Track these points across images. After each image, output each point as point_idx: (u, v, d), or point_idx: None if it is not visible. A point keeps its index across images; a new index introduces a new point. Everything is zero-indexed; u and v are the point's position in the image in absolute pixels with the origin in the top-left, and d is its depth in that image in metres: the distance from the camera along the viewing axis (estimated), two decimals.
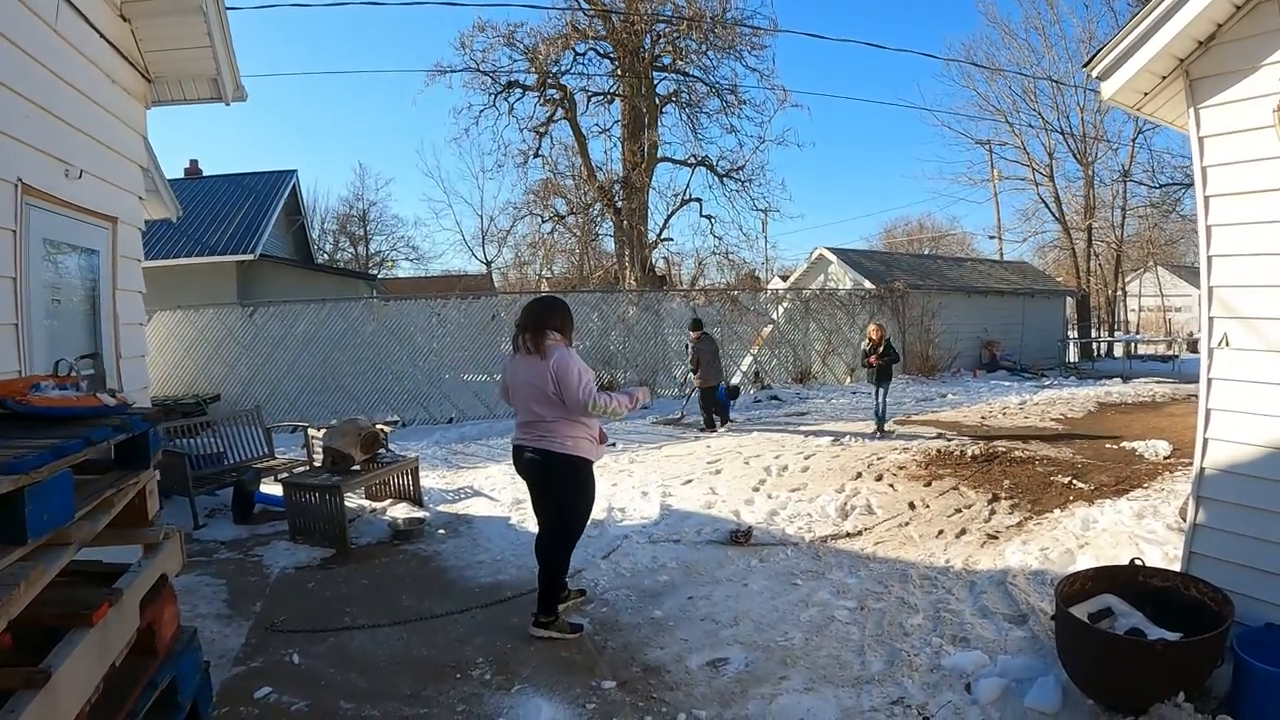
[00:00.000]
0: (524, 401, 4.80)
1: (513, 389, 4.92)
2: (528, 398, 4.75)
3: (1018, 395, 16.38)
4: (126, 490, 2.83)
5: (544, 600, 4.92)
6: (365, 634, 5.01)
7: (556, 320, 4.86)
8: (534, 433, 4.77)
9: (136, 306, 6.48)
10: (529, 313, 4.88)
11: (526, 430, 4.83)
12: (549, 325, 4.79)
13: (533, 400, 4.72)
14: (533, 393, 4.70)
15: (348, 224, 47.84)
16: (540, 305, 4.97)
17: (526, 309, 4.95)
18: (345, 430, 7.56)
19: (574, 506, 4.92)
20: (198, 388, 14.37)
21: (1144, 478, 8.16)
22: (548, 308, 4.94)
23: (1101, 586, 4.26)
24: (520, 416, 4.91)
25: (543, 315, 4.83)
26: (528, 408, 4.77)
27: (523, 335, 4.79)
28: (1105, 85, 4.65)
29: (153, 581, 2.88)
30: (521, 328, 4.85)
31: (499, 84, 22.39)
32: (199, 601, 5.52)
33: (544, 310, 4.89)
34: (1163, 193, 29.74)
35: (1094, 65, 4.66)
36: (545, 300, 5.13)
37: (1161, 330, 38.93)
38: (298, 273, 19.69)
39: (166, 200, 9.49)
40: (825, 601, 5.27)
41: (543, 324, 4.78)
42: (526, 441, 4.82)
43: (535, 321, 4.79)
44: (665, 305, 17.95)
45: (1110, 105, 5.00)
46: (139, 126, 6.39)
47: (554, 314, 4.89)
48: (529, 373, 4.72)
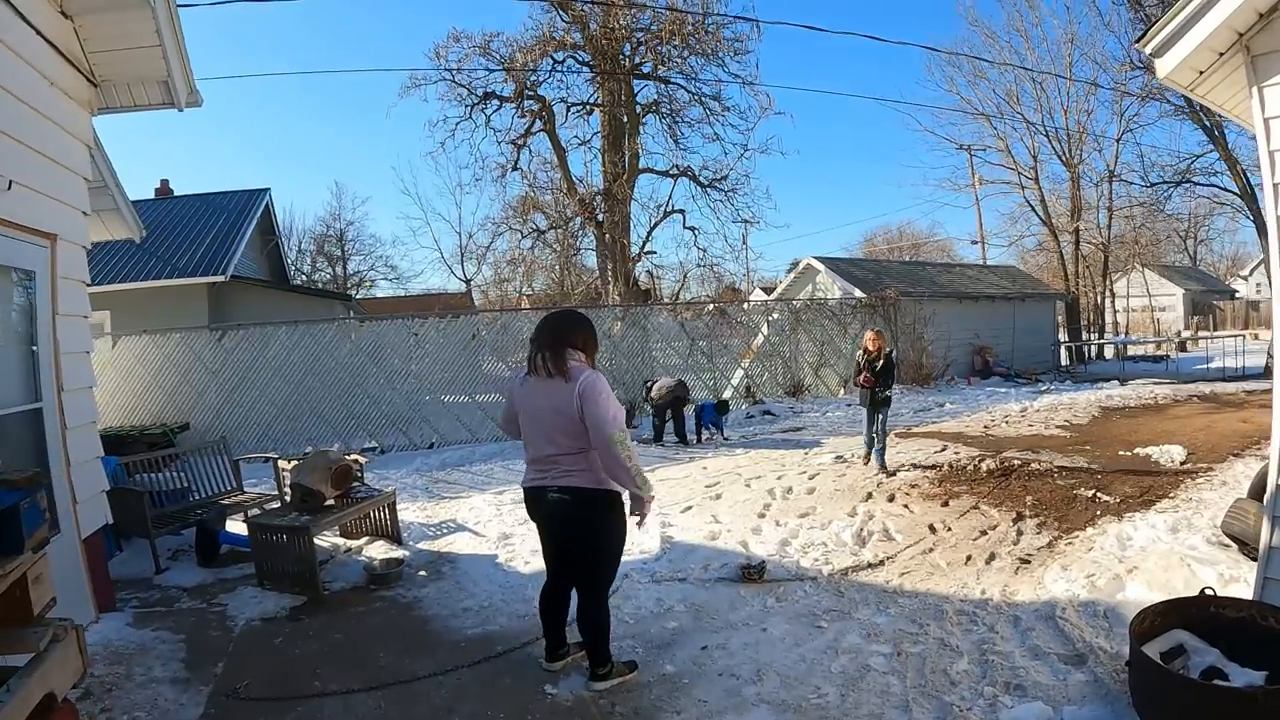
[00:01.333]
0: (543, 432, 4.20)
1: (526, 417, 4.33)
2: (550, 428, 4.16)
3: (1017, 402, 15.98)
4: None
5: (597, 654, 4.41)
6: (337, 702, 4.41)
7: (579, 337, 4.29)
8: (557, 468, 4.18)
9: (81, 333, 5.87)
10: (549, 328, 4.30)
11: (547, 466, 4.23)
12: (571, 343, 4.22)
13: (557, 431, 4.13)
14: (556, 421, 4.12)
15: (325, 244, 47.58)
16: (561, 320, 4.40)
17: (545, 324, 4.35)
18: (315, 464, 6.95)
19: (611, 549, 4.40)
20: (165, 416, 13.71)
21: (1167, 487, 7.74)
22: (570, 323, 4.37)
23: (1172, 621, 3.81)
24: (535, 450, 4.30)
25: (564, 332, 4.26)
26: (549, 439, 4.18)
27: (540, 354, 4.18)
28: (1159, 63, 4.21)
29: (31, 708, 2.23)
30: (539, 345, 4.23)
31: (475, 95, 21.91)
32: (154, 663, 4.95)
33: (566, 326, 4.32)
34: (1153, 191, 29.60)
35: (1147, 41, 4.20)
36: (566, 314, 4.53)
37: (1149, 330, 38.87)
38: (272, 294, 19.11)
39: (128, 219, 8.91)
40: (856, 647, 4.71)
41: (564, 341, 4.20)
42: (547, 480, 4.23)
43: (555, 338, 4.21)
44: (653, 320, 17.39)
45: (1167, 84, 4.53)
46: (83, 135, 5.85)
47: (577, 330, 4.31)
48: (550, 398, 4.14)
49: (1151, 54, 4.20)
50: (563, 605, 4.61)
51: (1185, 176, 28.52)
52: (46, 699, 2.35)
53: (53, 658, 2.39)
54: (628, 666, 4.51)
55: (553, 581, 4.60)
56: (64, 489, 5.34)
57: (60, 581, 4.99)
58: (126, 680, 4.66)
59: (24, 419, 5.04)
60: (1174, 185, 29.01)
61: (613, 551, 4.40)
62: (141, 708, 4.33)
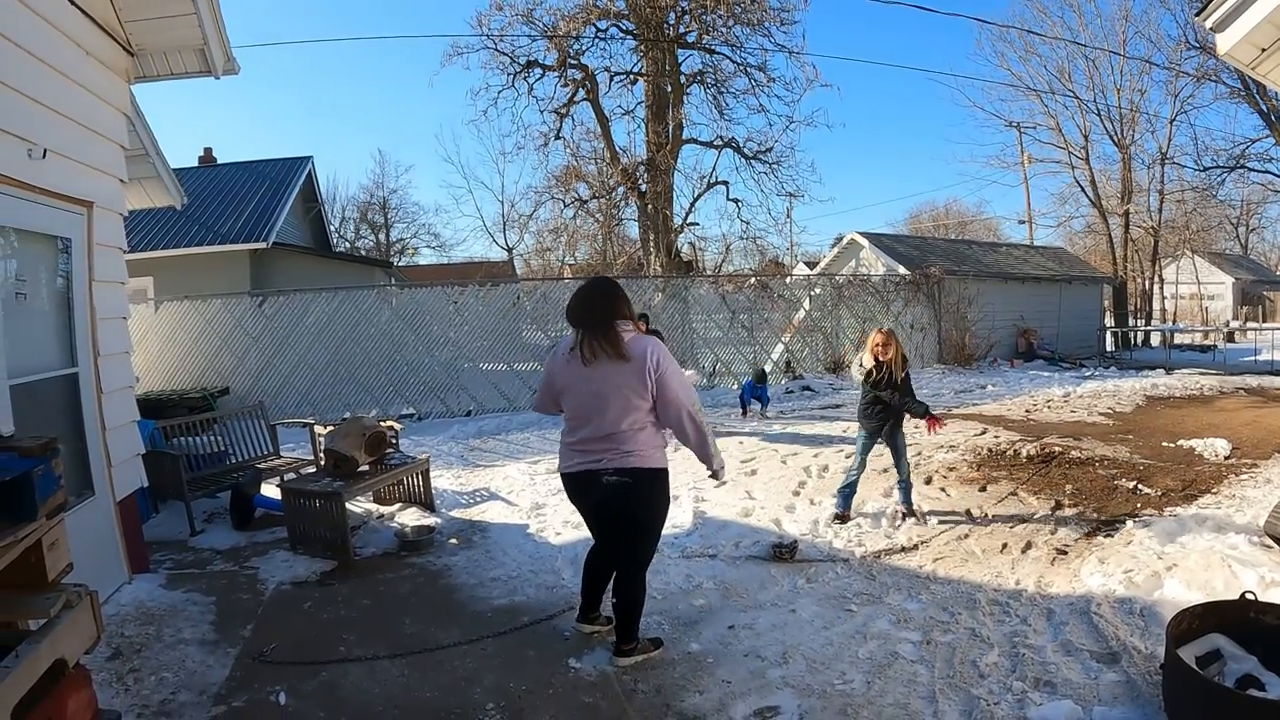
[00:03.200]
0: (601, 413, 4.00)
1: (580, 399, 4.09)
2: (616, 407, 3.97)
3: (1060, 387, 15.63)
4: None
5: (626, 630, 4.34)
6: (362, 668, 4.43)
7: (625, 306, 4.09)
8: (614, 449, 4.01)
9: (117, 299, 5.93)
10: (590, 305, 4.06)
11: (601, 447, 4.03)
12: (619, 315, 4.03)
13: (623, 409, 3.96)
14: (623, 400, 3.95)
15: (368, 212, 47.74)
16: (599, 293, 4.14)
17: (583, 303, 4.10)
18: (348, 430, 6.98)
19: (658, 527, 4.37)
20: (206, 381, 13.89)
21: (1210, 481, 7.50)
22: (610, 294, 4.12)
23: (1209, 624, 3.67)
24: (586, 431, 4.08)
25: (610, 305, 4.04)
26: (613, 418, 3.98)
27: (592, 340, 3.98)
28: (1220, 38, 4.04)
29: (40, 672, 2.22)
30: (586, 326, 4.02)
31: (518, 64, 21.80)
32: (184, 624, 5.01)
33: (608, 298, 4.09)
34: (1206, 176, 28.85)
35: (1207, 15, 4.03)
36: (602, 286, 4.24)
37: (1197, 319, 38.07)
38: (313, 261, 19.27)
39: (169, 186, 9.01)
40: (885, 633, 4.63)
41: (613, 315, 4.01)
42: (603, 463, 4.03)
43: (603, 315, 4.00)
44: (694, 292, 17.21)
45: (1227, 61, 4.36)
46: (120, 103, 5.89)
47: (619, 300, 4.09)
48: (616, 377, 3.95)
49: (1212, 28, 4.04)
50: (608, 572, 4.56)
51: (1239, 161, 27.76)
52: (57, 664, 2.34)
53: (64, 624, 2.38)
54: (653, 644, 4.44)
55: (600, 548, 4.57)
56: (99, 452, 5.42)
57: (94, 543, 5.12)
58: (156, 641, 4.72)
59: (60, 383, 5.11)
60: (1227, 170, 28.25)
61: (659, 528, 4.38)
62: (169, 668, 4.38)
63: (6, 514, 2.35)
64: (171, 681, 4.23)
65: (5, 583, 2.31)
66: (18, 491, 2.37)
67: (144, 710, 3.91)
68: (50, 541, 2.46)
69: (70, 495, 4.93)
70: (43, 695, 2.28)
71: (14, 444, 2.44)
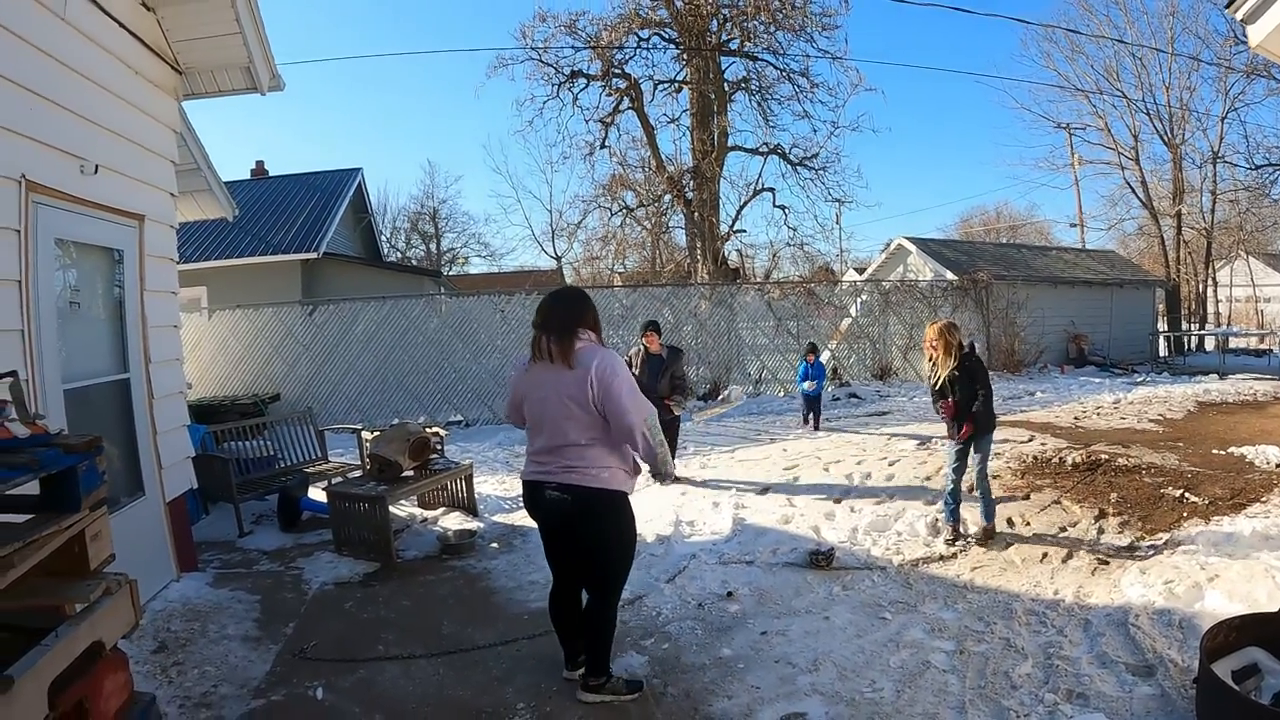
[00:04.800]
0: (551, 420, 3.85)
1: (533, 406, 3.96)
2: (558, 416, 3.81)
3: (1110, 393, 15.35)
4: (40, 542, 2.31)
5: (593, 662, 4.09)
6: (398, 666, 4.55)
7: (589, 316, 3.94)
8: (559, 462, 3.84)
9: (168, 308, 6.15)
10: (554, 310, 3.92)
11: (548, 459, 3.89)
12: (582, 323, 3.88)
13: (564, 419, 3.79)
14: (564, 409, 3.78)
15: (419, 222, 48.21)
16: (567, 299, 4.03)
17: (548, 305, 3.97)
18: (393, 436, 7.12)
19: (616, 554, 4.00)
20: (258, 387, 14.19)
21: (1260, 490, 7.26)
22: (578, 302, 3.99)
23: (1247, 638, 3.59)
24: (539, 441, 3.95)
25: (573, 312, 3.90)
26: (556, 429, 3.83)
27: (546, 338, 3.84)
28: (1251, 30, 4.00)
29: (78, 652, 2.36)
30: (545, 329, 3.87)
31: (562, 74, 21.85)
32: (228, 621, 5.18)
33: (573, 305, 3.96)
34: (1258, 174, 28.15)
35: (1237, 7, 3.96)
36: (571, 293, 4.16)
37: (1253, 323, 37.11)
38: (363, 270, 19.55)
39: (221, 199, 9.24)
40: (918, 642, 4.61)
41: (574, 323, 3.85)
42: (548, 475, 3.87)
43: (564, 321, 3.85)
44: (739, 299, 17.23)
45: (1258, 53, 4.29)
46: (169, 120, 6.12)
47: (586, 310, 3.95)
48: (559, 385, 3.80)
49: (1243, 20, 3.99)
50: (573, 608, 4.25)
51: None
52: (95, 646, 2.49)
53: (103, 608, 2.52)
54: (630, 687, 4.14)
55: (559, 584, 4.26)
56: (150, 454, 5.60)
57: (143, 541, 5.28)
58: (201, 636, 4.88)
59: (113, 389, 5.30)
60: None
61: (619, 556, 4.02)
62: (212, 662, 4.53)
63: (52, 505, 2.49)
64: (213, 675, 4.38)
65: (50, 569, 2.44)
66: (62, 484, 2.50)
67: (185, 701, 4.05)
68: (93, 533, 2.60)
69: (122, 495, 5.13)
70: (80, 674, 2.42)
71: (60, 441, 2.57)
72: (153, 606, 5.21)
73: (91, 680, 2.47)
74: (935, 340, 6.50)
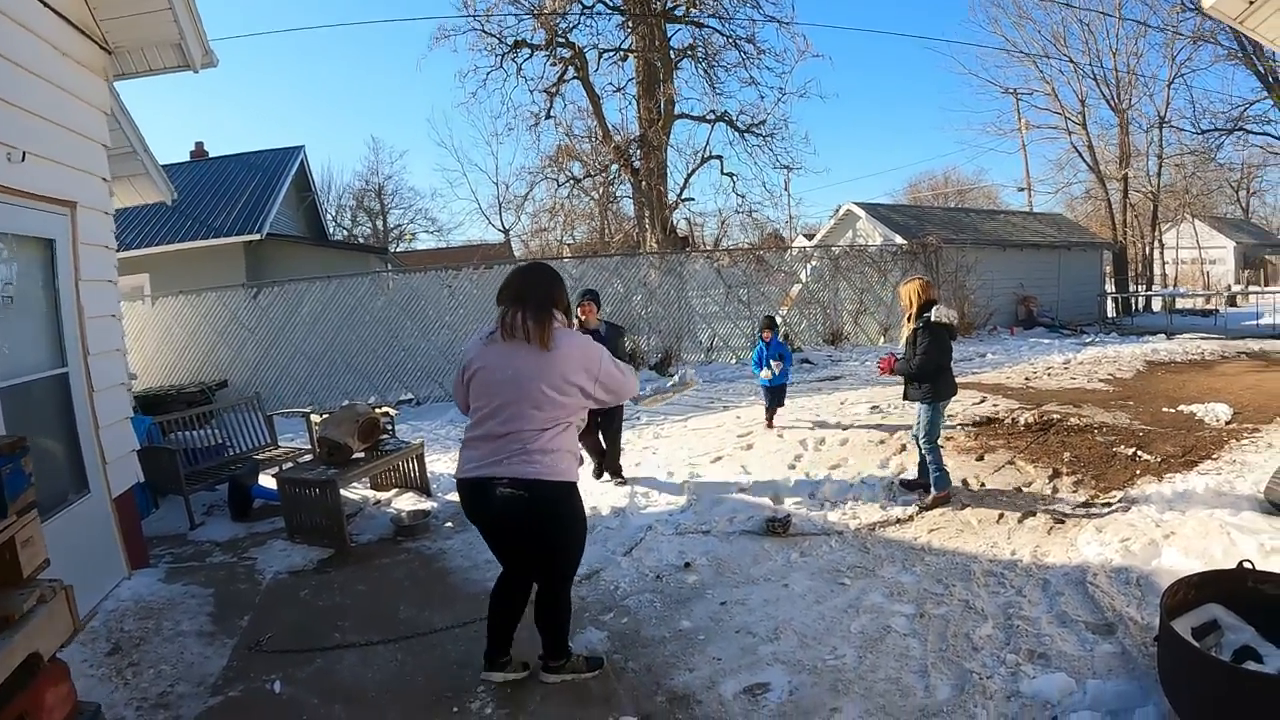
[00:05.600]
0: (514, 404, 3.46)
1: (490, 386, 3.54)
2: (522, 399, 3.44)
3: (1060, 354, 15.56)
4: None
5: (554, 646, 3.92)
6: (356, 654, 4.47)
7: (563, 298, 3.63)
8: (507, 452, 3.45)
9: (107, 297, 5.92)
10: (529, 284, 3.58)
11: (497, 448, 3.49)
12: (555, 303, 3.57)
13: (530, 404, 3.43)
14: (535, 394, 3.42)
15: (365, 199, 47.65)
16: (544, 275, 3.69)
17: (521, 279, 3.63)
18: (342, 418, 6.99)
19: (573, 544, 3.76)
20: (204, 374, 13.89)
21: (1210, 447, 7.42)
22: (555, 281, 3.66)
23: (1206, 594, 3.58)
24: (489, 425, 3.53)
25: (550, 290, 3.59)
26: (518, 413, 3.46)
27: (521, 314, 3.47)
28: None
29: (14, 666, 2.24)
30: (519, 304, 3.50)
31: (506, 44, 21.50)
32: (182, 617, 5.04)
33: (552, 283, 3.63)
34: (1204, 139, 28.59)
35: None
36: (547, 269, 3.77)
37: (1198, 283, 37.86)
38: (308, 250, 19.21)
39: (159, 182, 9.00)
40: (878, 606, 4.62)
41: (550, 301, 3.54)
42: (496, 470, 3.47)
43: (541, 298, 3.52)
44: (689, 267, 17.19)
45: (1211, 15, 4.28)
46: (99, 102, 5.86)
47: (561, 289, 3.64)
48: (526, 365, 3.44)
49: None
50: (519, 604, 3.97)
51: (1237, 124, 27.46)
52: (32, 658, 2.37)
53: (38, 619, 2.39)
54: (590, 664, 4.02)
55: (510, 577, 3.93)
56: (93, 450, 5.42)
57: (91, 540, 5.14)
58: (155, 634, 4.75)
59: (51, 384, 5.10)
60: (1226, 133, 27.94)
61: (576, 545, 3.78)
62: (168, 660, 4.41)
63: None
64: (170, 674, 4.26)
65: None
66: None
67: (143, 703, 3.93)
68: (24, 539, 2.46)
69: (66, 493, 4.96)
70: (18, 689, 2.30)
71: None
72: (105, 606, 5.07)
73: (31, 694, 2.36)
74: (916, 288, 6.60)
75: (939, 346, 6.37)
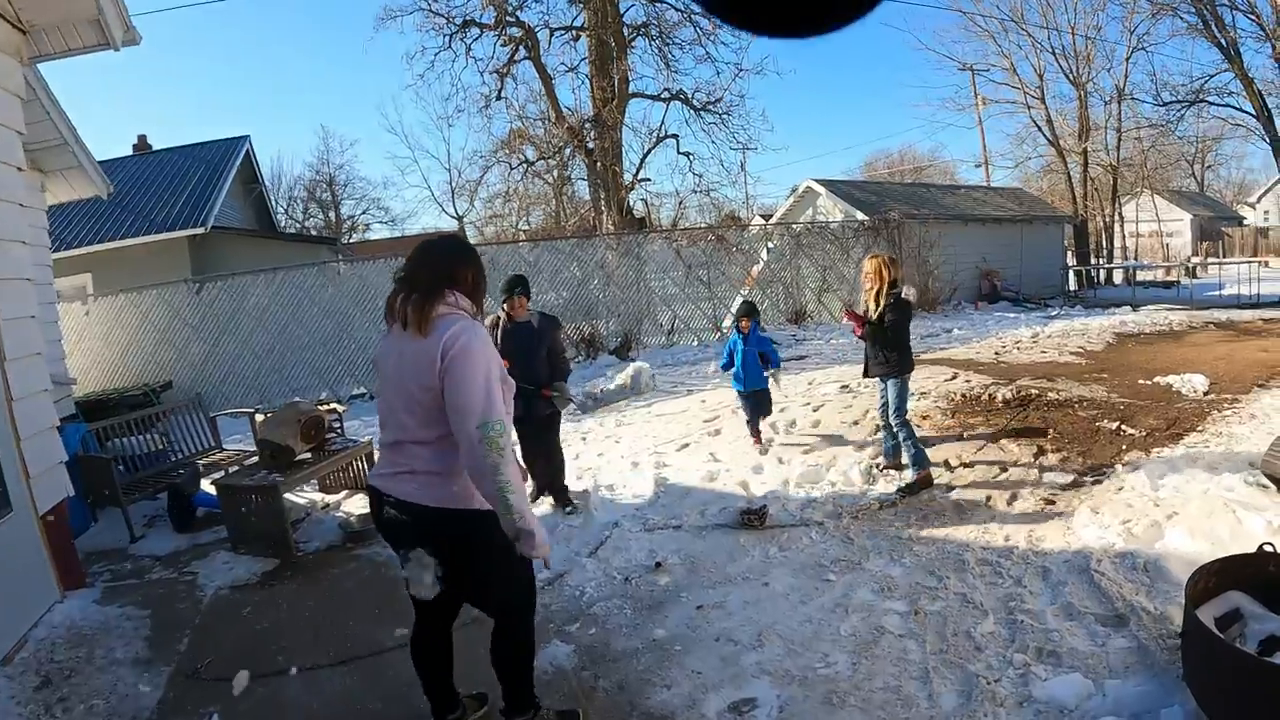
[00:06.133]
0: (395, 409, 2.97)
1: (382, 388, 3.09)
2: (395, 401, 2.96)
3: (1027, 327, 15.46)
4: None
5: (516, 697, 3.25)
6: (301, 679, 4.12)
7: (465, 271, 3.00)
8: (401, 467, 2.93)
9: (23, 298, 5.46)
10: (419, 260, 3.00)
11: (390, 459, 3.01)
12: (452, 280, 2.94)
13: (403, 407, 2.92)
14: (403, 393, 2.90)
15: (316, 190, 47.03)
16: (438, 248, 3.09)
17: (415, 254, 3.05)
18: (283, 418, 6.57)
19: (500, 579, 3.05)
20: (147, 376, 13.33)
21: (1193, 419, 7.23)
22: (451, 254, 3.06)
23: (1227, 581, 3.33)
24: (384, 434, 3.06)
25: (442, 265, 2.97)
26: (394, 419, 2.98)
27: (403, 295, 2.92)
28: None
29: None
30: (407, 283, 2.94)
31: (454, 24, 21.09)
32: (116, 643, 4.66)
33: (444, 257, 3.02)
34: (1165, 111, 28.69)
35: None
36: (445, 242, 3.19)
37: (1158, 256, 38.33)
38: (255, 242, 18.70)
39: (94, 176, 8.60)
40: (868, 604, 4.31)
41: (441, 280, 2.91)
42: (384, 484, 2.98)
43: (429, 276, 2.92)
44: (647, 249, 16.91)
45: None
46: (13, 86, 5.43)
47: (460, 264, 3.01)
48: (404, 359, 2.89)
49: None
50: (442, 653, 3.37)
51: (1199, 96, 27.54)
52: None
53: None
54: (561, 717, 3.38)
55: (421, 624, 3.30)
56: (14, 464, 4.97)
57: (16, 562, 4.75)
58: (87, 664, 4.40)
59: None
60: (1187, 105, 28.03)
61: (504, 579, 3.06)
62: (100, 694, 4.08)
63: None
64: (101, 709, 3.95)
65: None
66: None
67: None
68: None
69: None
70: None
71: None
72: (34, 635, 4.65)
73: None
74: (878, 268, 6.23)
75: (909, 320, 6.25)
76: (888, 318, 6.12)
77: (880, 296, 6.19)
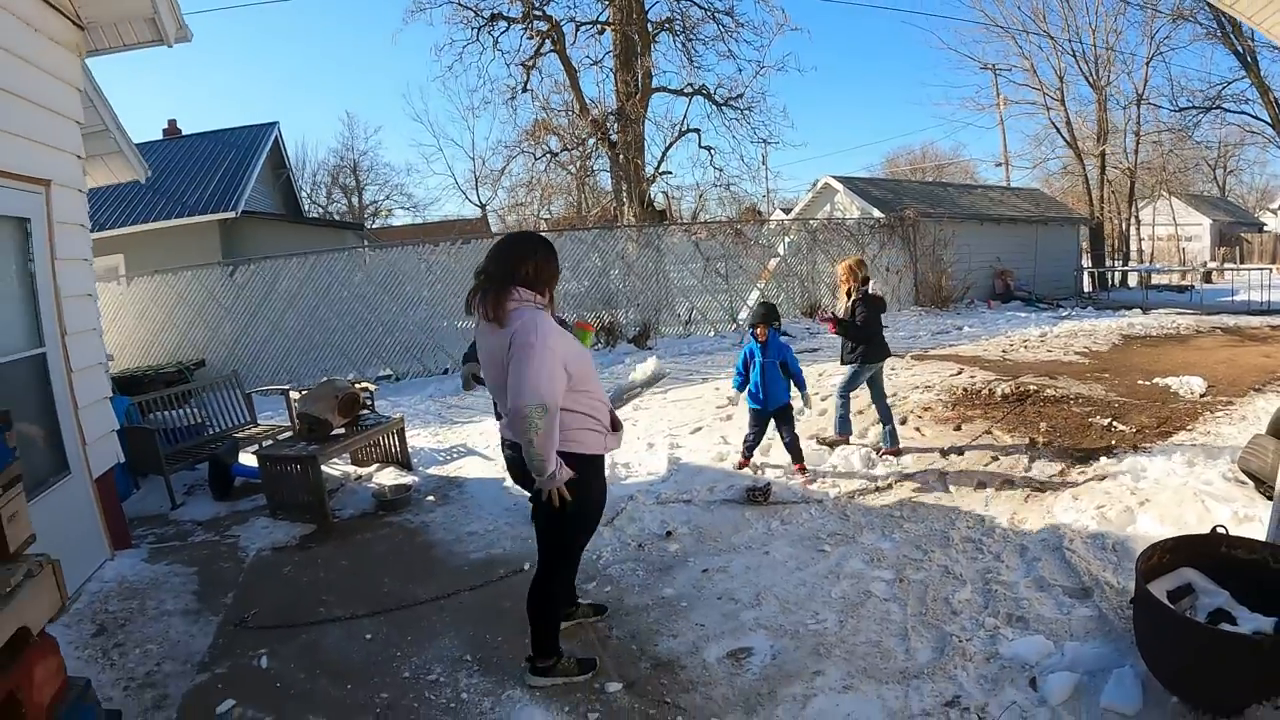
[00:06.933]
0: (496, 385, 3.43)
1: (482, 364, 3.57)
2: (495, 380, 3.41)
3: (1037, 327, 15.70)
4: None
5: (534, 642, 3.73)
6: (341, 628, 4.48)
7: (529, 266, 3.37)
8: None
9: (82, 277, 5.84)
10: (491, 258, 3.41)
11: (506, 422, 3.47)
12: (518, 276, 3.34)
13: (499, 381, 3.34)
14: (498, 370, 3.33)
15: (340, 176, 47.25)
16: (506, 245, 3.48)
17: (490, 252, 3.46)
18: (321, 394, 6.97)
19: (559, 522, 3.52)
20: (182, 354, 13.71)
21: (1185, 419, 7.55)
22: (516, 249, 3.45)
23: (1180, 559, 3.64)
24: (499, 406, 3.65)
25: (511, 260, 3.37)
26: (500, 394, 3.41)
27: (482, 291, 3.36)
28: None
29: (3, 640, 2.23)
30: (485, 277, 3.38)
31: (482, 17, 21.42)
32: (166, 596, 5.02)
33: (514, 252, 3.41)
34: (1181, 116, 28.71)
35: None
36: (518, 239, 3.64)
37: (1174, 260, 38.17)
38: (283, 227, 19.05)
39: (132, 161, 8.87)
40: (858, 572, 4.68)
41: (510, 274, 3.33)
42: (506, 433, 3.59)
43: (502, 269, 3.34)
44: (666, 241, 17.20)
45: None
46: (72, 78, 5.75)
47: (526, 258, 3.38)
48: (489, 349, 3.39)
49: None
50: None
51: (1215, 102, 27.49)
52: (21, 632, 2.36)
53: (26, 593, 2.38)
54: (583, 666, 3.79)
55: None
56: (72, 431, 5.36)
57: (73, 521, 5.09)
58: (140, 614, 4.73)
59: (28, 364, 5.03)
60: (1203, 111, 28.01)
61: (570, 524, 3.59)
62: (153, 640, 4.40)
63: None
64: (156, 653, 4.26)
65: None
66: None
67: (130, 683, 3.93)
68: (9, 514, 2.44)
69: (47, 475, 4.91)
70: (9, 664, 2.30)
71: None
72: (88, 588, 5.04)
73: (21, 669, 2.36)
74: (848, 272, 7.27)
75: (875, 315, 7.07)
76: (858, 311, 7.03)
77: (851, 294, 7.17)
